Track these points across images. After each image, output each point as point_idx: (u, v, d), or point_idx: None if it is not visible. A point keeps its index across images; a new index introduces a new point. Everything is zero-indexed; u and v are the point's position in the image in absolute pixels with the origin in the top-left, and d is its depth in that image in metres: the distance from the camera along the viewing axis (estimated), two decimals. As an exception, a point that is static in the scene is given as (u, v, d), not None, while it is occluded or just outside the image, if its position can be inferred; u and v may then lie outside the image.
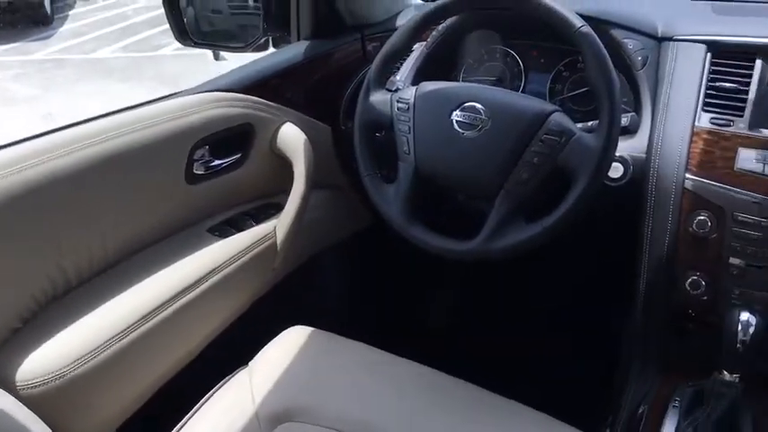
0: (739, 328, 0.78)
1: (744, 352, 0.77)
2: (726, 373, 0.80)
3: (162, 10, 1.19)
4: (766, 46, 0.90)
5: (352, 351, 0.98)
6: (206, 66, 1.61)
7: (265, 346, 0.98)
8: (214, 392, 0.91)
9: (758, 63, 0.90)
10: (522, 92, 1.12)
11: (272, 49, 1.23)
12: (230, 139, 1.05)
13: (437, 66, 1.15)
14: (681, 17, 1.01)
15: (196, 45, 1.23)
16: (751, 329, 0.77)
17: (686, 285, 0.92)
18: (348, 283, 1.54)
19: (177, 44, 1.24)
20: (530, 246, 0.85)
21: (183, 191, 1.00)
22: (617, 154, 0.94)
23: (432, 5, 0.94)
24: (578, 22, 0.84)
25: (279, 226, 1.10)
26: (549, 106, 0.87)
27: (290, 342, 0.98)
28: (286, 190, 1.11)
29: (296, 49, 1.16)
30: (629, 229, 0.97)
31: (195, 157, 1.00)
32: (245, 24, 1.25)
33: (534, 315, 1.49)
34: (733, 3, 1.08)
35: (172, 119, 0.94)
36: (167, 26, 1.20)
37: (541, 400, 0.90)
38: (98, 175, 0.87)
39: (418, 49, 1.12)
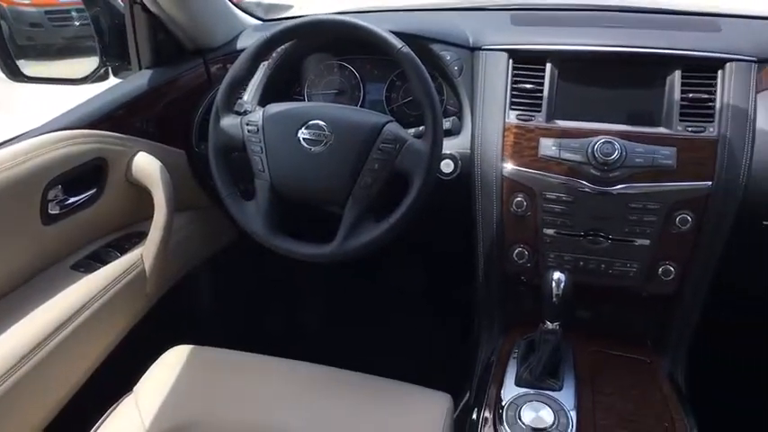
0: (554, 285, 0.94)
1: (559, 304, 0.94)
2: (548, 323, 0.97)
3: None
4: (553, 51, 1.08)
5: (236, 361, 1.05)
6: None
7: (148, 369, 1.01)
8: (101, 424, 0.93)
9: (548, 66, 1.08)
10: (362, 102, 1.24)
11: (113, 79, 1.23)
12: (84, 174, 1.05)
13: (282, 84, 1.23)
14: (486, 29, 1.17)
15: (30, 80, 1.20)
16: (562, 285, 0.94)
17: (514, 256, 1.10)
18: (225, 296, 1.58)
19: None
20: (381, 242, 0.97)
21: (39, 232, 0.99)
22: (447, 152, 1.09)
23: (267, 35, 1.02)
24: (398, 44, 0.97)
25: (145, 253, 1.13)
26: (383, 118, 0.99)
27: (173, 362, 1.02)
28: (148, 217, 1.14)
29: (139, 79, 1.17)
30: (466, 213, 1.13)
31: (49, 198, 1.00)
32: (76, 37, 1.23)
33: (400, 301, 1.64)
34: (528, 12, 1.27)
35: (22, 162, 0.93)
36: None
37: (416, 373, 1.02)
38: None
39: (262, 69, 1.19)
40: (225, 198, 1.03)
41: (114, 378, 1.01)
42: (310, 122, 0.99)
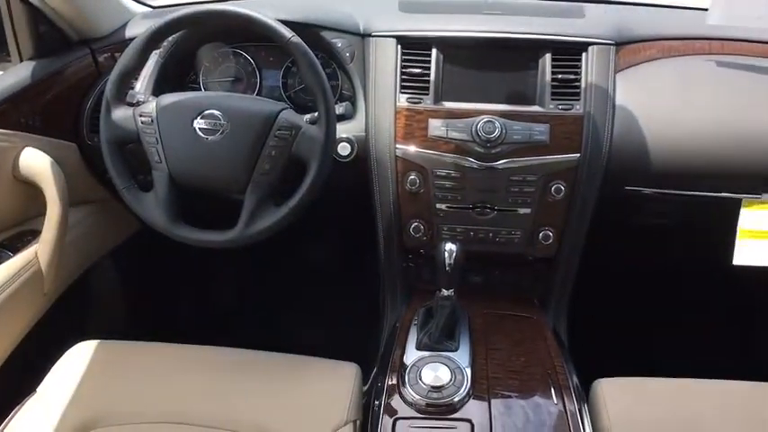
0: (446, 255, 1.02)
1: (452, 272, 1.03)
2: (444, 290, 1.04)
3: None
4: (438, 38, 1.15)
5: (142, 351, 1.05)
6: None
7: (53, 368, 1.00)
8: (4, 427, 0.91)
9: (434, 51, 1.15)
10: (259, 88, 1.26)
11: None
12: None
13: (175, 73, 1.22)
14: (375, 16, 1.22)
15: None
16: (454, 255, 1.02)
17: (411, 230, 1.18)
18: (132, 288, 1.56)
19: None
20: (282, 225, 1.01)
21: None
22: (343, 136, 1.14)
23: (154, 26, 1.01)
24: (288, 34, 1.00)
25: (40, 251, 1.10)
26: (277, 106, 1.02)
27: (78, 358, 1.01)
28: (40, 214, 1.11)
29: (22, 71, 1.13)
30: (366, 192, 1.19)
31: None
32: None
33: (310, 279, 1.68)
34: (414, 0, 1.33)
35: None
36: None
37: (330, 347, 1.07)
38: None
39: (154, 58, 1.17)
40: (122, 190, 1.03)
41: (17, 380, 0.99)
42: (206, 112, 1.00)
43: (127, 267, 1.51)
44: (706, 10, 1.15)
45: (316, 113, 1.06)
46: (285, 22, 1.03)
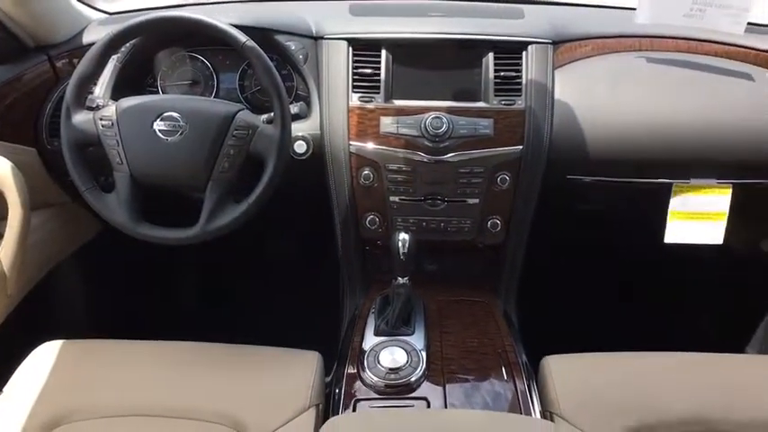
0: (400, 245, 1.08)
1: (406, 260, 1.09)
2: (399, 278, 1.11)
3: None
4: (387, 39, 1.21)
5: (107, 349, 1.08)
6: None
7: (18, 368, 1.02)
8: None
9: (384, 52, 1.21)
10: (216, 91, 1.30)
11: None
12: None
13: (134, 77, 1.25)
14: (327, 19, 1.27)
15: None
16: (407, 244, 1.09)
17: (367, 223, 1.24)
18: (96, 288, 1.58)
19: None
20: (242, 221, 1.05)
21: None
22: (299, 134, 1.19)
23: (111, 34, 1.04)
24: (242, 38, 1.04)
25: (2, 254, 1.11)
26: (234, 107, 1.07)
27: (43, 358, 1.03)
28: (2, 218, 1.12)
29: (-22, 79, 1.15)
30: (323, 187, 1.24)
31: None
32: None
33: (274, 272, 1.73)
34: (364, 3, 1.39)
35: None
36: None
37: (294, 337, 1.11)
38: None
39: (112, 63, 1.20)
40: (84, 192, 1.06)
41: None
42: (165, 114, 1.04)
43: (90, 267, 1.52)
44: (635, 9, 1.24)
45: (272, 113, 1.10)
46: (240, 27, 1.07)
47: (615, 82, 1.23)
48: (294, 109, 1.14)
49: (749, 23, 1.21)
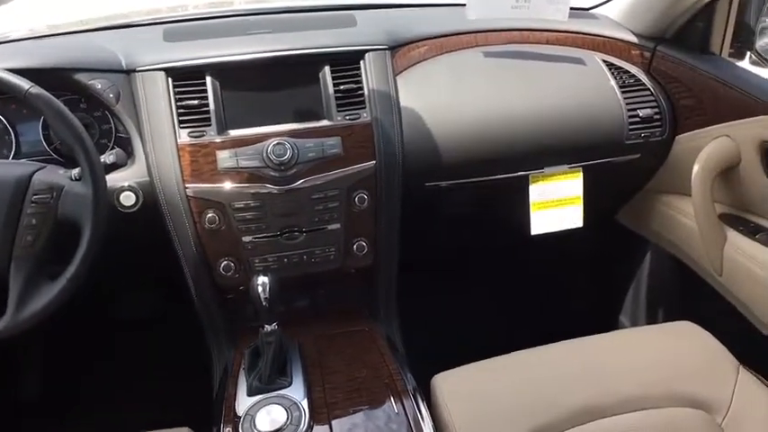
0: (260, 290, 0.97)
1: (270, 305, 0.97)
2: (266, 326, 0.99)
3: None
4: (209, 65, 1.09)
5: None
6: None
7: None
8: None
9: (209, 79, 1.08)
10: (17, 146, 1.10)
11: None
12: None
13: None
14: (138, 48, 1.12)
15: None
16: (268, 287, 0.97)
17: (221, 270, 1.11)
18: None
19: None
20: (63, 299, 0.89)
21: None
22: (124, 184, 1.04)
23: None
24: (25, 85, 0.87)
25: None
26: (29, 167, 0.90)
27: None
28: None
29: None
30: (164, 238, 1.09)
31: None
32: None
33: (131, 334, 1.53)
34: (179, 25, 1.25)
35: None
36: None
37: (160, 411, 0.96)
38: None
39: None
40: None
41: None
42: None
43: None
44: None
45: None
46: (28, 71, 0.91)
47: (455, 80, 1.21)
48: (110, 158, 0.99)
49: (572, 8, 1.23)
